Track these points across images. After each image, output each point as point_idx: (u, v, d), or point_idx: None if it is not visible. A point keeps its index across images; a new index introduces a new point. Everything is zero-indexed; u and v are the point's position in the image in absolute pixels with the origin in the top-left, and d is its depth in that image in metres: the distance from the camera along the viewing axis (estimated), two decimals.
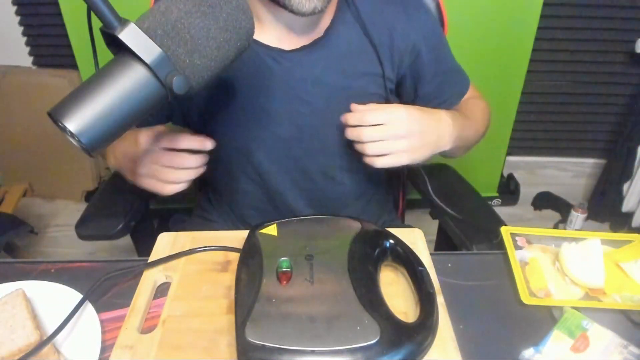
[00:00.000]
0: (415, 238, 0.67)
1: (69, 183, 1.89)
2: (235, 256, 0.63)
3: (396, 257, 0.60)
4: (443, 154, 0.77)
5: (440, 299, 0.57)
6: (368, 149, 0.65)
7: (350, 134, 0.66)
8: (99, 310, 0.57)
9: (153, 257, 0.64)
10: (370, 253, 0.59)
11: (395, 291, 0.59)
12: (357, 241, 0.60)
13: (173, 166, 0.65)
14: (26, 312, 0.53)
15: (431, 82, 0.80)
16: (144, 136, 0.67)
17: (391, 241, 0.61)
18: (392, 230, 0.63)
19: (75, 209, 1.88)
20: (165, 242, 0.67)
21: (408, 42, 0.76)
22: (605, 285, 0.61)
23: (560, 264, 0.63)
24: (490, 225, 0.73)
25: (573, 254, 0.63)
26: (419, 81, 0.80)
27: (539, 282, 0.62)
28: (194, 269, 0.63)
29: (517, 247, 0.67)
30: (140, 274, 0.62)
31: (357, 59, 0.76)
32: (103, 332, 0.55)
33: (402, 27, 0.76)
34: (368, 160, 0.66)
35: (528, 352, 0.52)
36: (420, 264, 0.57)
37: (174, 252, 0.64)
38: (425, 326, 0.50)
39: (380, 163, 0.65)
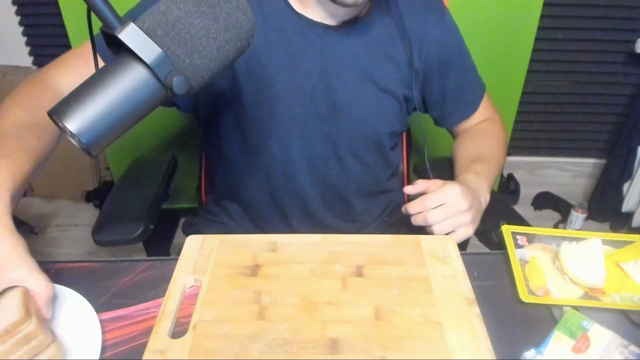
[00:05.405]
0: (447, 246, 0.66)
1: (69, 183, 1.88)
2: (264, 260, 0.63)
3: None
4: None
5: (475, 310, 0.57)
6: (437, 229, 0.67)
7: (416, 220, 0.69)
8: (99, 310, 0.57)
9: (182, 259, 0.64)
10: None
11: None
12: None
13: None
14: (21, 299, 0.50)
15: (454, 82, 0.84)
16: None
17: None
18: (425, 238, 0.66)
19: (75, 209, 1.87)
20: (194, 245, 0.66)
21: (437, 36, 0.79)
22: (604, 285, 0.61)
23: (560, 263, 0.63)
24: (501, 212, 0.76)
25: (573, 252, 0.63)
26: (444, 76, 0.83)
27: (538, 281, 0.62)
28: (223, 272, 0.62)
29: (518, 246, 0.67)
30: (141, 273, 0.62)
31: (388, 43, 0.78)
32: (103, 332, 0.55)
33: (432, 21, 0.79)
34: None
35: (529, 353, 0.52)
36: None
37: (203, 255, 0.64)
38: None
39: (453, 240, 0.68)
